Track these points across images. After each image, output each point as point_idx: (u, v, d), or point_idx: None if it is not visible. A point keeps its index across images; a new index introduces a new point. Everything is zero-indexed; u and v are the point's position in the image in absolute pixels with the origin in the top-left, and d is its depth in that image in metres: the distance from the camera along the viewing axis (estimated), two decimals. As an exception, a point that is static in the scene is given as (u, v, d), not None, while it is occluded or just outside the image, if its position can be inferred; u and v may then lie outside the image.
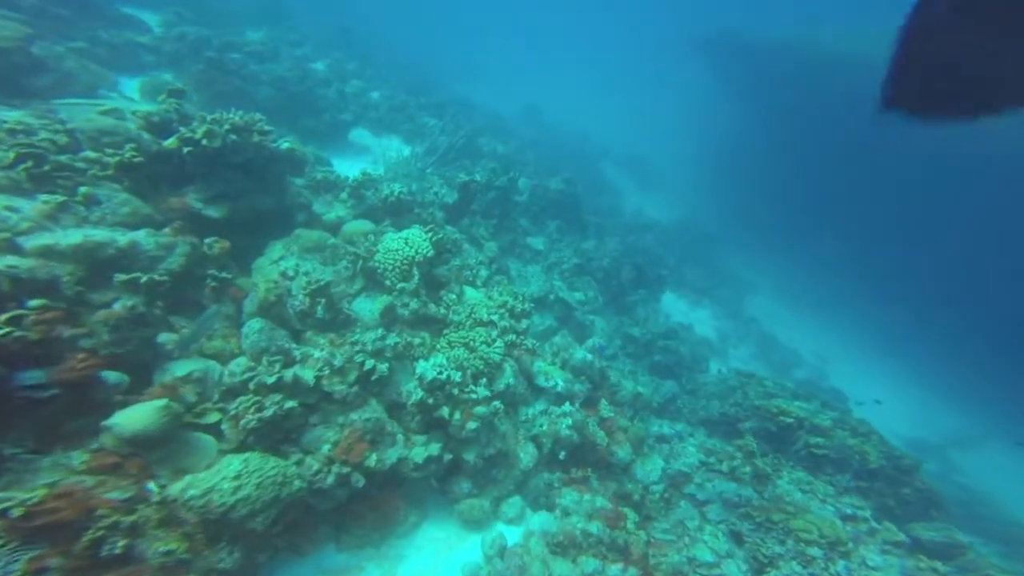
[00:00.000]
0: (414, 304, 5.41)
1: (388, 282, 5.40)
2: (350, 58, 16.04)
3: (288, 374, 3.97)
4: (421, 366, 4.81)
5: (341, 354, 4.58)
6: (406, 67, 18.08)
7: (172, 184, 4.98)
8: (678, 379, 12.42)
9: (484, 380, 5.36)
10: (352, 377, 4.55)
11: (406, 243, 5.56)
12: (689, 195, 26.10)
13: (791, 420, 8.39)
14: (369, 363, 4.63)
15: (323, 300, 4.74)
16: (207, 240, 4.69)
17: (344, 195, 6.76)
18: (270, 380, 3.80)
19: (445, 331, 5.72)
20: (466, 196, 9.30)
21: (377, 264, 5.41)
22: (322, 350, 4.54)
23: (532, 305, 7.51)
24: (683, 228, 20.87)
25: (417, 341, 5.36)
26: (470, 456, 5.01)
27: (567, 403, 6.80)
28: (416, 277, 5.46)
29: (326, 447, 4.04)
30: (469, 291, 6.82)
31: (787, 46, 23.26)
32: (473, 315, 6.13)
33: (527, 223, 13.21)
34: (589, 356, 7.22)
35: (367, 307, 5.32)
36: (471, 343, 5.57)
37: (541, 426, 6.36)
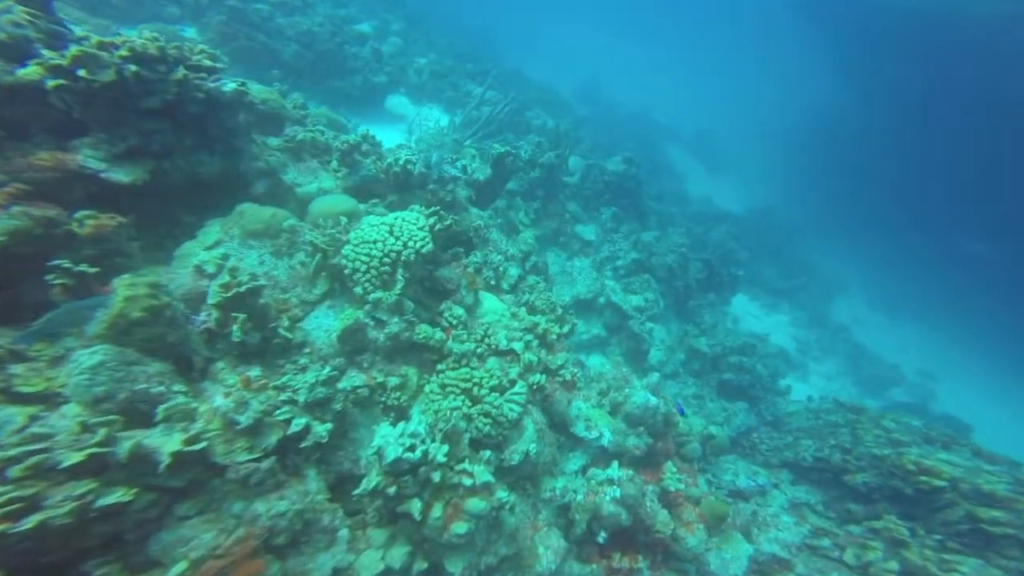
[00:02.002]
0: (394, 325, 3.55)
1: (359, 289, 3.56)
2: (397, 20, 14.25)
3: (123, 447, 2.24)
4: (383, 433, 2.95)
5: (258, 403, 2.82)
6: (458, 33, 16.11)
7: (56, 134, 3.38)
8: (752, 403, 9.99)
9: (489, 452, 3.46)
10: (270, 440, 2.78)
11: (391, 232, 3.69)
12: (766, 181, 22.56)
13: (942, 484, 5.87)
14: (298, 421, 2.84)
15: (242, 316, 2.98)
16: (78, 215, 3.04)
17: (334, 162, 5.00)
18: (70, 461, 2.08)
19: (441, 365, 3.84)
20: (501, 172, 7.29)
21: (345, 261, 3.57)
22: (227, 395, 2.79)
23: (573, 323, 5.47)
24: (758, 218, 17.75)
25: (394, 382, 3.52)
26: (456, 567, 3.14)
27: (615, 464, 4.78)
28: (400, 283, 3.58)
29: (182, 566, 2.29)
30: (488, 300, 4.89)
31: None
32: (488, 339, 4.21)
33: (576, 208, 11.02)
34: (652, 400, 5.11)
35: (327, 325, 3.54)
36: (476, 387, 3.67)
37: (575, 494, 4.41)
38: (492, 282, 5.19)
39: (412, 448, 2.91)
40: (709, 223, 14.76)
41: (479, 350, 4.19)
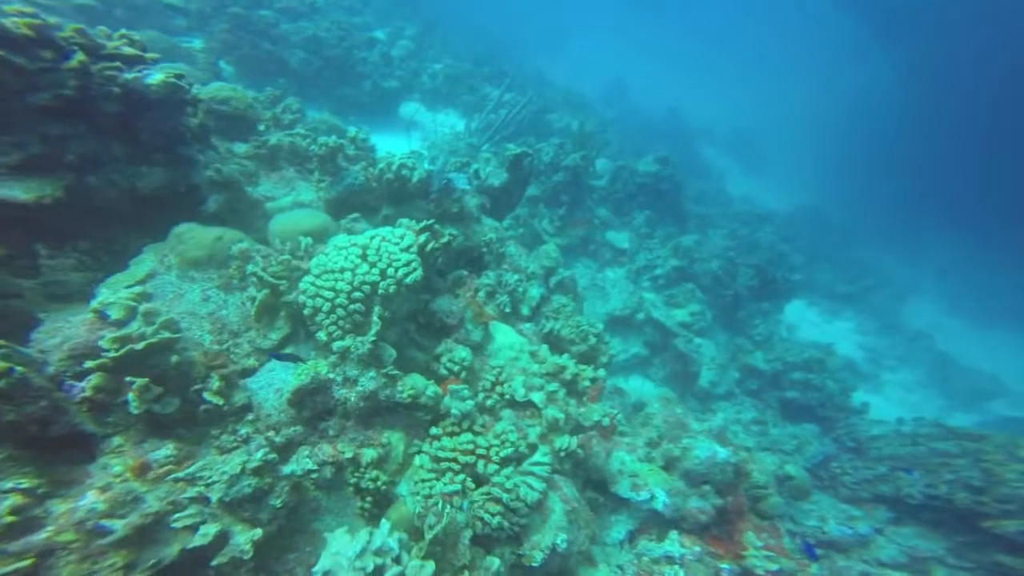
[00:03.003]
0: (369, 381, 2.59)
1: (322, 335, 2.62)
2: (412, 26, 13.60)
3: None
4: (335, 549, 1.98)
5: (155, 499, 1.91)
6: (475, 38, 15.41)
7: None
8: (823, 425, 8.53)
9: (497, 562, 2.42)
10: (166, 553, 1.87)
11: (364, 257, 2.75)
12: (811, 177, 20.65)
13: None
14: (207, 530, 1.91)
15: (141, 380, 2.09)
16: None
17: (316, 171, 4.16)
18: None
19: (436, 429, 2.85)
20: (519, 176, 6.30)
21: (303, 298, 2.65)
22: (105, 490, 1.89)
23: (609, 354, 4.40)
24: (807, 217, 16.03)
25: (370, 456, 2.55)
26: None
27: (673, 535, 3.66)
28: (375, 326, 2.62)
29: None
30: (502, 334, 3.89)
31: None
32: (500, 388, 3.21)
33: (607, 213, 9.91)
34: (721, 453, 3.93)
35: (282, 381, 2.62)
36: (482, 461, 2.66)
37: (623, 581, 3.31)
38: (507, 309, 4.17)
39: (377, 569, 1.92)
40: (754, 224, 13.27)
41: (489, 402, 3.18)
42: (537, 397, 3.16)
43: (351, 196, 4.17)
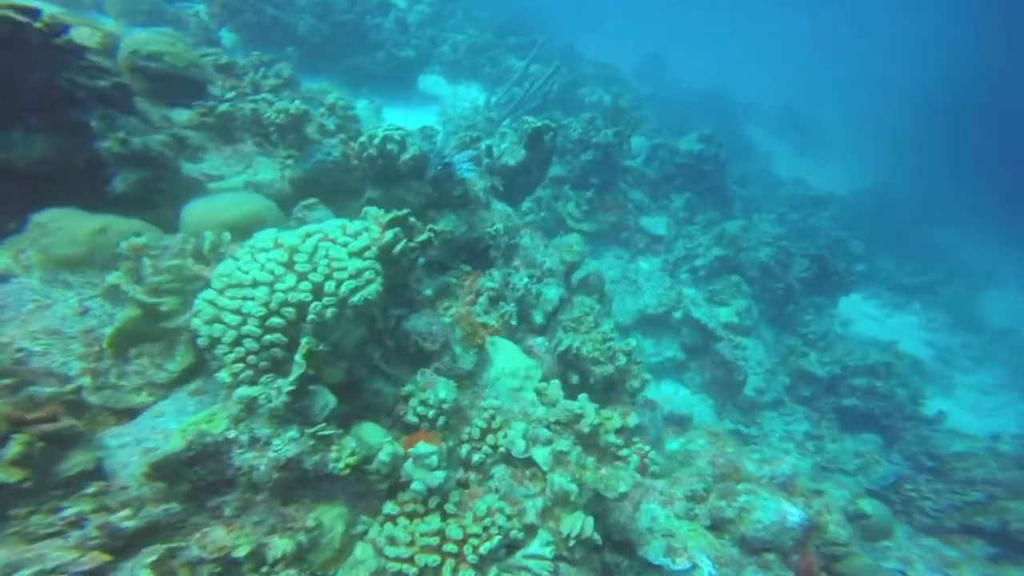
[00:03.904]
0: (287, 445, 1.71)
1: (225, 376, 1.76)
2: None
3: None
4: None
5: None
6: (501, 8, 14.15)
7: None
8: (888, 436, 7.28)
9: None
10: None
11: (290, 263, 1.82)
12: (873, 158, 18.37)
13: None
14: None
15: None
16: None
17: (278, 144, 3.30)
18: None
19: (391, 505, 1.97)
20: (539, 154, 5.25)
21: (197, 323, 1.78)
22: None
23: (643, 379, 3.42)
24: (869, 202, 14.12)
25: (282, 549, 1.70)
26: None
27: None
28: (299, 368, 1.73)
29: None
30: (504, 354, 2.96)
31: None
32: (492, 438, 2.30)
33: (641, 196, 8.71)
34: (793, 515, 2.91)
35: (163, 436, 1.81)
36: (452, 562, 1.78)
37: None
38: (513, 320, 3.24)
39: None
40: (807, 208, 11.67)
41: (477, 456, 2.27)
42: (541, 455, 2.23)
43: (322, 176, 3.29)
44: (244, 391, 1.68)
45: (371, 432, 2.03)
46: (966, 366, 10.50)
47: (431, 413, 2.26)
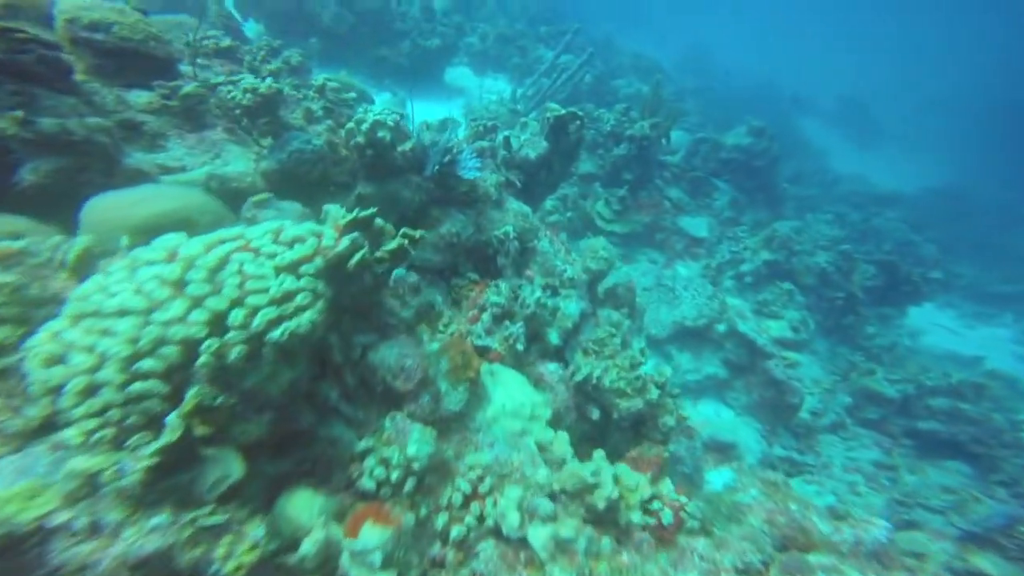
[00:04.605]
0: (145, 536, 1.23)
1: (74, 435, 1.26)
2: None
3: None
4: None
5: None
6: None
7: None
8: (975, 465, 6.18)
9: None
10: None
11: (180, 284, 1.32)
12: (946, 154, 16.44)
13: None
14: None
15: None
16: None
17: (248, 127, 2.82)
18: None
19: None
20: (564, 146, 4.59)
21: (32, 366, 1.27)
22: None
23: (678, 414, 2.74)
24: (943, 202, 12.52)
25: None
26: None
27: None
28: (170, 433, 1.21)
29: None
30: (507, 387, 2.37)
31: None
32: (478, 506, 1.73)
33: (680, 194, 7.88)
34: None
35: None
36: None
37: None
38: (520, 345, 2.63)
39: None
40: (870, 207, 10.38)
41: (456, 530, 1.70)
42: (538, 538, 1.62)
43: (301, 168, 2.79)
44: (79, 462, 1.17)
45: (302, 505, 1.48)
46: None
47: (395, 476, 1.70)
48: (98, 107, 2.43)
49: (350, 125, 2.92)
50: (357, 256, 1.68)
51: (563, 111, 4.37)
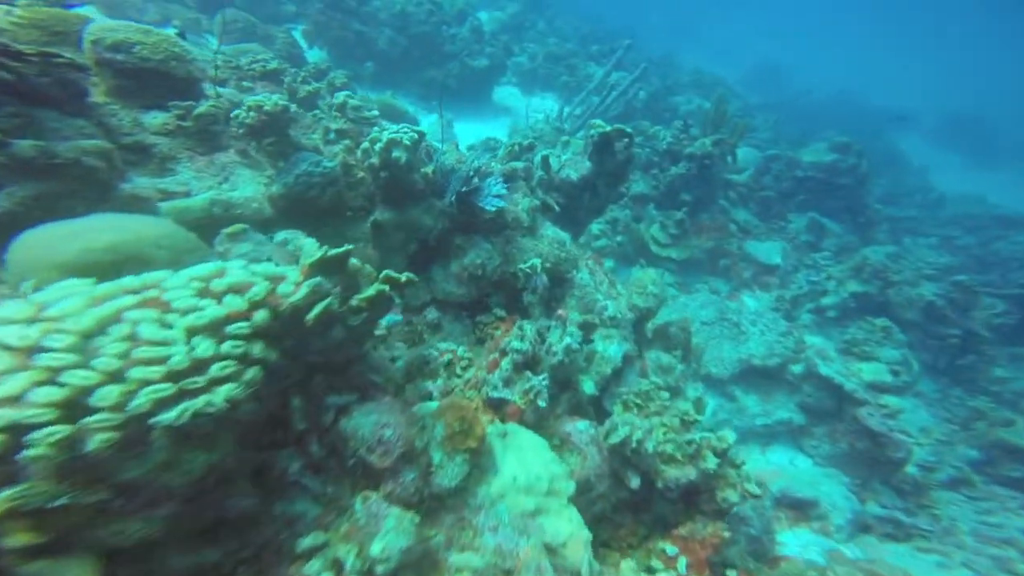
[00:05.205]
0: None
1: None
2: (515, 4, 11.84)
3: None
4: None
5: None
6: (588, 20, 13.21)
7: None
8: None
9: None
10: None
11: (30, 348, 1.02)
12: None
13: None
14: None
15: None
16: None
17: (255, 148, 2.63)
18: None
19: None
20: (609, 166, 4.09)
21: None
22: None
23: (751, 487, 2.11)
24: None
25: None
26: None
27: None
28: None
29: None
30: (521, 452, 1.90)
31: None
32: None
33: (748, 216, 7.05)
34: None
35: None
36: None
37: None
38: (543, 402, 2.16)
39: None
40: (990, 230, 8.78)
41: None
42: None
43: (309, 192, 2.56)
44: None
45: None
46: None
47: (350, 592, 1.28)
48: (113, 129, 2.34)
49: (365, 144, 2.66)
50: (318, 308, 1.32)
51: (608, 127, 3.91)
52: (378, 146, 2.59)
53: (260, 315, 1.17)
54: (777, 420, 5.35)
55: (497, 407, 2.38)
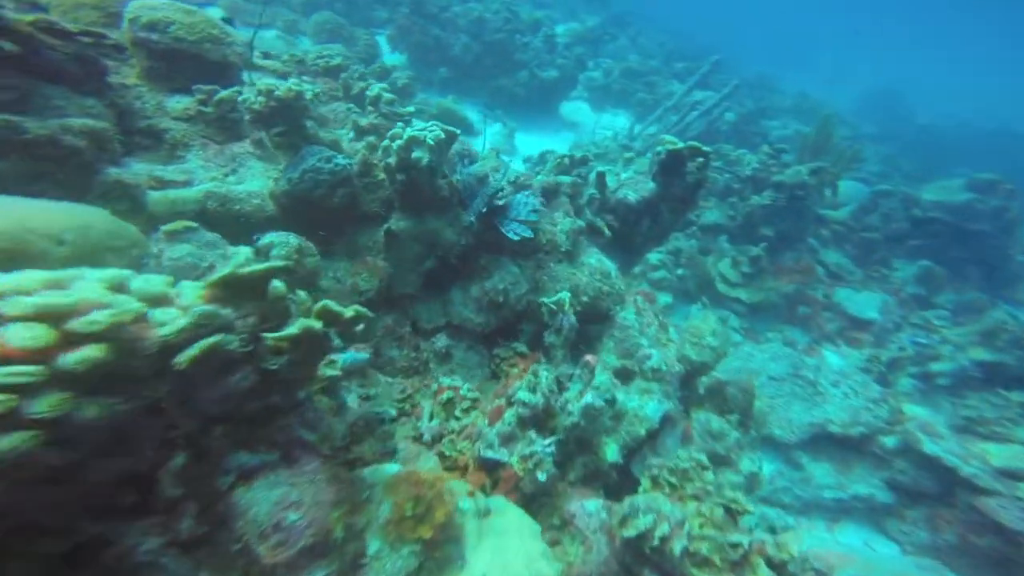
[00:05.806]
0: None
1: None
2: (595, 19, 11.32)
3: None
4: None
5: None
6: (679, 35, 12.35)
7: None
8: None
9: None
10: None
11: None
12: None
13: None
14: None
15: None
16: None
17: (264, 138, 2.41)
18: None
19: None
20: (676, 188, 3.47)
21: None
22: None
23: None
24: None
25: None
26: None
27: None
28: None
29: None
30: (499, 540, 1.43)
31: None
32: None
33: (840, 259, 5.99)
34: None
35: None
36: None
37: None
38: (543, 474, 1.69)
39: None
40: None
41: None
42: None
43: (316, 191, 2.27)
44: None
45: None
46: None
47: None
48: (133, 111, 2.22)
49: (384, 142, 2.35)
50: (195, 348, 0.95)
51: (680, 144, 3.30)
52: (397, 144, 2.26)
53: (85, 353, 0.82)
54: (853, 495, 4.35)
55: (490, 469, 1.92)
